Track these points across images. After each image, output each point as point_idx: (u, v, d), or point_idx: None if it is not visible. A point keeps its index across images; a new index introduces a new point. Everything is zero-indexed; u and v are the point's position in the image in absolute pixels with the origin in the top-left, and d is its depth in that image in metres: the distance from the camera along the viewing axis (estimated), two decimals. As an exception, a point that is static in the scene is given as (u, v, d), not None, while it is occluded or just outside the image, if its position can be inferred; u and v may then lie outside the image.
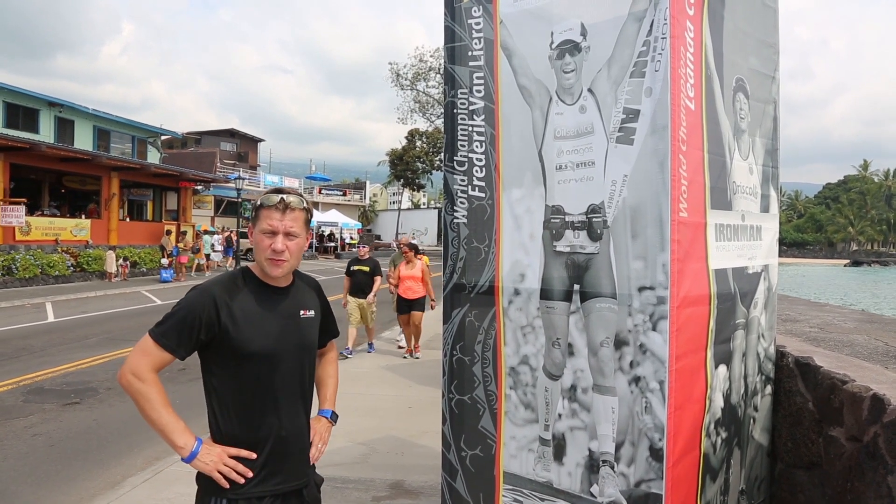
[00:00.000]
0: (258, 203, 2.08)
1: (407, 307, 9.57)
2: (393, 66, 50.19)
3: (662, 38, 2.35)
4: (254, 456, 2.02)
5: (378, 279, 9.79)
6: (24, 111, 26.98)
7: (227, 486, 1.97)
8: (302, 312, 2.17)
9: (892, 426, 2.24)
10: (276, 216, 2.03)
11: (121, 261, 23.34)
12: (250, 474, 2.00)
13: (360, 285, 9.66)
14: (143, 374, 1.94)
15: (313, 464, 2.24)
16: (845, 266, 72.14)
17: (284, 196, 2.05)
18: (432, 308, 9.72)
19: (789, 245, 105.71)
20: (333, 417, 2.38)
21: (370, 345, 10.31)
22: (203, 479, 2.02)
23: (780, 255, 3.52)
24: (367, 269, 9.67)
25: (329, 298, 2.38)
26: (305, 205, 2.11)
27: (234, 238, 29.77)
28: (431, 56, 48.03)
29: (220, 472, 1.96)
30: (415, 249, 9.78)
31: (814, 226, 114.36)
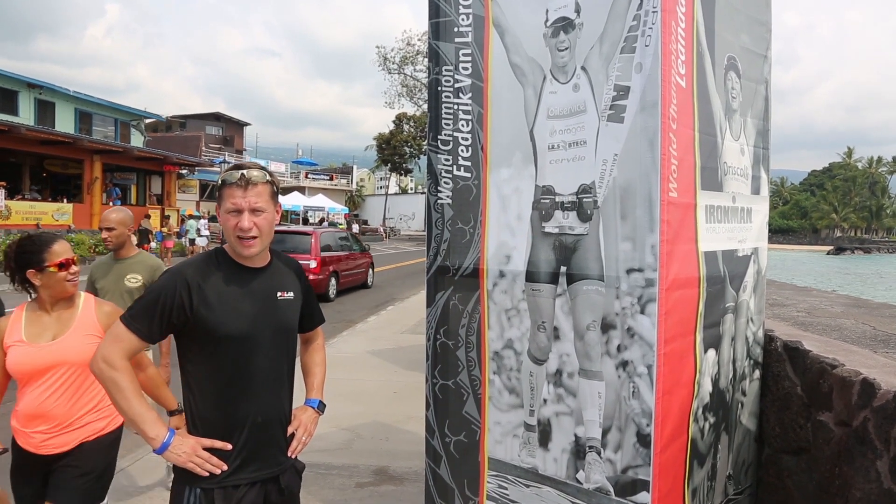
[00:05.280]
0: (220, 181, 2.00)
1: None
2: (380, 50, 49.71)
3: (654, 12, 2.27)
4: (229, 447, 1.97)
5: None
6: (2, 93, 26.38)
7: (203, 475, 1.93)
8: (279, 294, 2.09)
9: (882, 411, 2.21)
10: (238, 193, 1.93)
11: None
12: (225, 467, 1.95)
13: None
14: (114, 361, 1.89)
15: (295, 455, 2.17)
16: (827, 254, 72.46)
17: (245, 171, 1.95)
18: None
19: (774, 231, 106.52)
20: (321, 407, 2.30)
21: None
22: (178, 468, 1.97)
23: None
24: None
25: None
26: (269, 177, 2.01)
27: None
28: (419, 40, 47.52)
29: (193, 464, 1.91)
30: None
31: (799, 212, 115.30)
